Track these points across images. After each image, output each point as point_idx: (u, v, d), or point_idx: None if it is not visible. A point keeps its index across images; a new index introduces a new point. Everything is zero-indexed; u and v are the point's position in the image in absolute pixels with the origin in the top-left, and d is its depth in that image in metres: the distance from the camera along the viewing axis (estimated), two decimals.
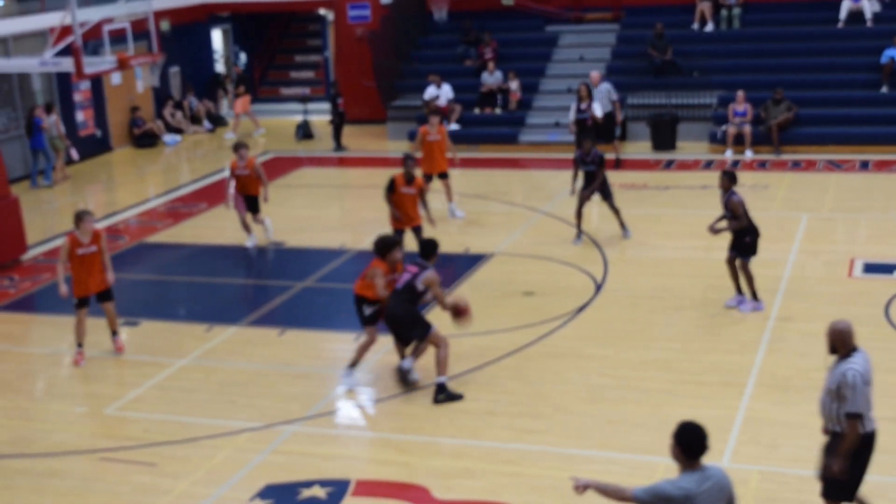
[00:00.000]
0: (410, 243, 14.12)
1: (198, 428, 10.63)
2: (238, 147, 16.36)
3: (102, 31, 18.59)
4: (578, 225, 16.15)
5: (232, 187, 16.59)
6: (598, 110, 19.11)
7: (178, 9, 27.83)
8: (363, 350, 11.47)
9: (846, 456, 7.56)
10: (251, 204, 16.48)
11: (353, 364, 11.49)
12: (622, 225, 16.15)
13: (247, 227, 16.56)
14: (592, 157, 15.80)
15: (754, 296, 13.09)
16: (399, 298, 11.08)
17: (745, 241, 12.91)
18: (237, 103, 27.52)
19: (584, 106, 19.08)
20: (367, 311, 11.37)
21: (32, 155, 22.09)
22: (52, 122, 22.50)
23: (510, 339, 12.58)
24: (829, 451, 7.74)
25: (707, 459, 9.43)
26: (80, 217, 12.30)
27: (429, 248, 11.41)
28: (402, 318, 11.06)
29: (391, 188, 14.75)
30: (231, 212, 17.00)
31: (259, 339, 13.08)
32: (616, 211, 16.06)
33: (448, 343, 11.11)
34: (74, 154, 23.07)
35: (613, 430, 10.19)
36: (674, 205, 18.19)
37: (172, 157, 25.47)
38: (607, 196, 15.99)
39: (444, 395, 10.97)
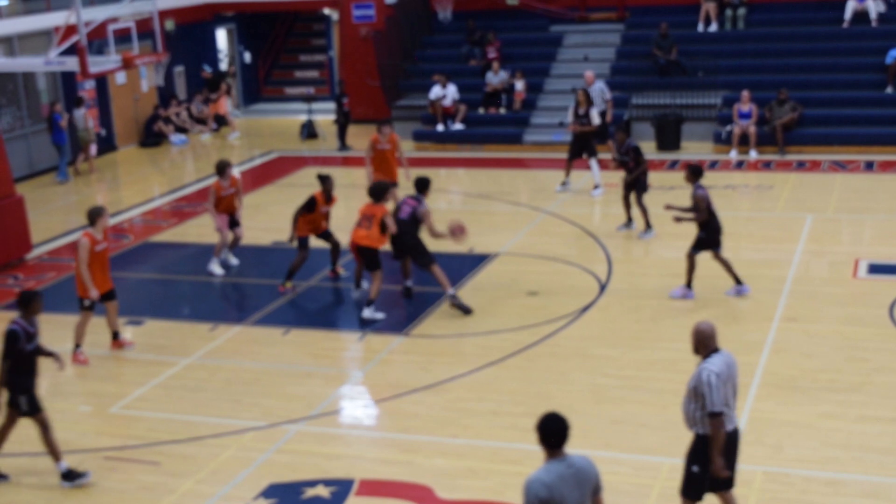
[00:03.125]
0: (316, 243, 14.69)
1: (202, 427, 10.64)
2: (224, 167, 15.36)
3: (107, 30, 18.60)
4: (627, 214, 16.71)
5: (216, 215, 15.50)
6: (595, 118, 19.09)
7: (183, 8, 27.87)
8: (378, 287, 13.36)
9: (719, 455, 7.64)
10: (233, 218, 15.67)
11: (371, 302, 13.33)
12: (647, 224, 16.21)
13: (226, 246, 15.81)
14: (626, 149, 16.11)
15: (688, 284, 13.53)
16: (405, 228, 13.43)
17: (700, 235, 13.29)
18: (219, 104, 27.52)
19: (581, 111, 19.08)
20: (378, 256, 13.30)
21: (57, 150, 22.41)
22: (80, 116, 22.94)
23: (514, 338, 12.58)
24: (692, 452, 7.80)
25: None
26: (99, 213, 12.26)
27: (424, 184, 13.80)
28: (410, 246, 13.51)
29: (312, 207, 14.45)
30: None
31: (263, 339, 13.09)
32: (643, 209, 16.16)
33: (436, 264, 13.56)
34: (93, 149, 23.32)
35: (618, 430, 10.19)
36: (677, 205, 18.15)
37: (177, 156, 25.49)
38: (640, 191, 16.15)
39: (456, 302, 13.47)
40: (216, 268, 15.61)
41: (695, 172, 13.34)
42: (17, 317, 9.57)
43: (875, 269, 14.52)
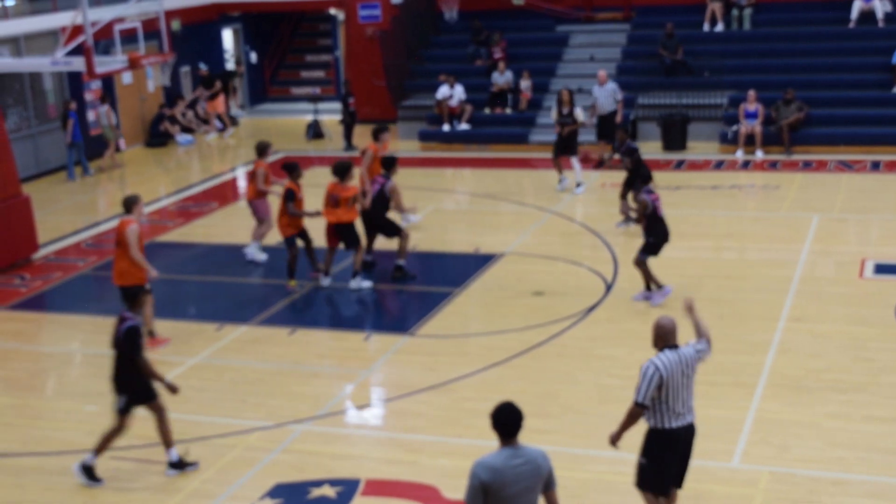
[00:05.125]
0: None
1: (208, 427, 10.65)
2: (268, 147, 15.78)
3: (113, 30, 18.65)
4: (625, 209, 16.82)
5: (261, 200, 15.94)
6: (580, 115, 19.21)
7: (189, 8, 27.89)
8: (360, 258, 14.51)
9: (619, 430, 7.90)
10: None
11: (356, 273, 14.43)
12: None
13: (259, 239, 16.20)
14: (625, 148, 16.36)
15: (658, 286, 13.51)
16: (376, 204, 14.61)
17: (648, 240, 13.41)
18: (216, 103, 27.50)
19: (565, 111, 19.11)
20: (354, 230, 14.31)
21: (72, 148, 22.58)
22: (103, 113, 23.33)
23: (520, 338, 12.58)
24: (643, 445, 7.93)
25: (717, 460, 9.42)
26: (135, 201, 12.39)
27: (390, 162, 14.90)
28: (377, 220, 14.72)
29: (293, 197, 14.38)
30: (244, 210, 16.74)
31: (269, 339, 13.10)
32: None
33: (408, 234, 14.81)
34: (122, 144, 23.48)
35: None
36: (684, 205, 18.16)
37: (183, 156, 25.52)
38: (637, 191, 16.17)
39: (401, 273, 14.73)
40: (258, 253, 15.89)
41: (642, 178, 13.68)
42: (126, 313, 9.53)
43: (881, 269, 14.50)
